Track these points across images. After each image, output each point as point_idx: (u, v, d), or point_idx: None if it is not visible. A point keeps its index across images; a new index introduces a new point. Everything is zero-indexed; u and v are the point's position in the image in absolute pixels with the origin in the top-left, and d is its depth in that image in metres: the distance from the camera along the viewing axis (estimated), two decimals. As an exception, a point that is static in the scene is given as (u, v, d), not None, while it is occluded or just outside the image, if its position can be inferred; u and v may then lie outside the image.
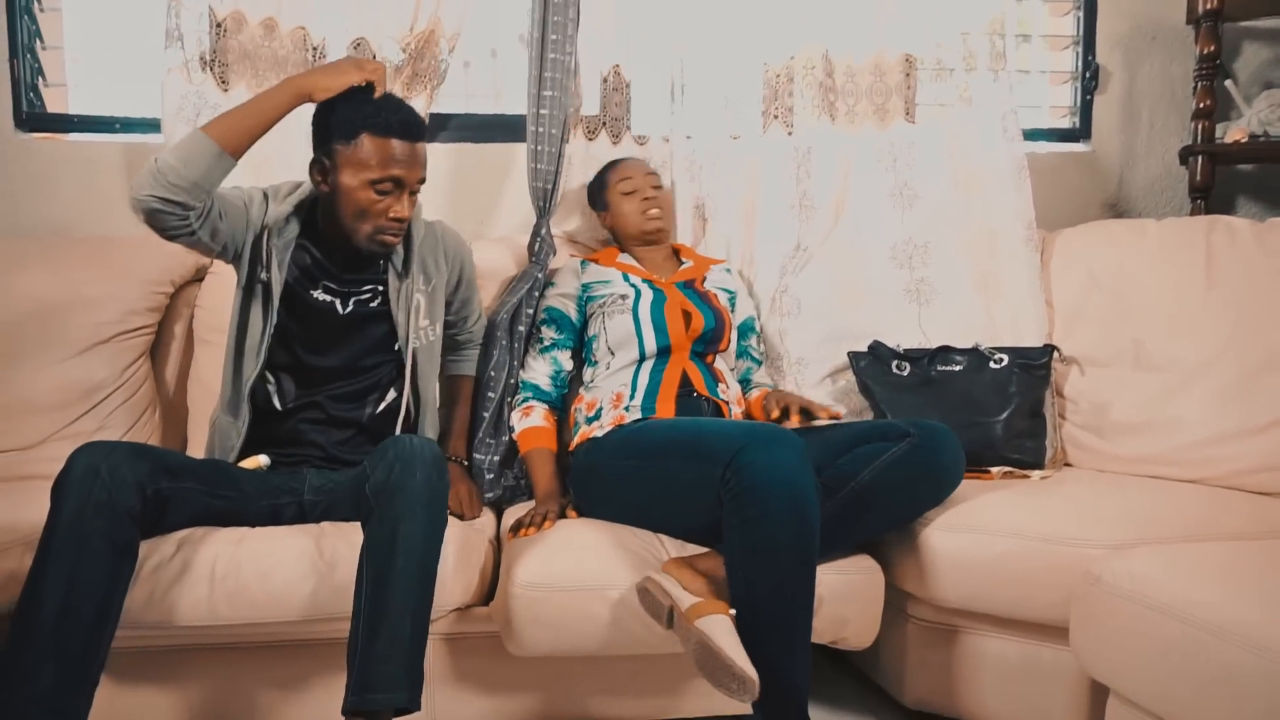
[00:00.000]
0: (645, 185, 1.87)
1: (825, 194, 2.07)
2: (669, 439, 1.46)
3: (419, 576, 1.21)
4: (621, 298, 1.77)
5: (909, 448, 1.40)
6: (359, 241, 1.48)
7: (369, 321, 1.57)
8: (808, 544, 1.25)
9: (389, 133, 1.42)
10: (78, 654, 1.11)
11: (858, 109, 2.14)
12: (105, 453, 1.20)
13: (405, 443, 1.28)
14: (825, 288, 1.98)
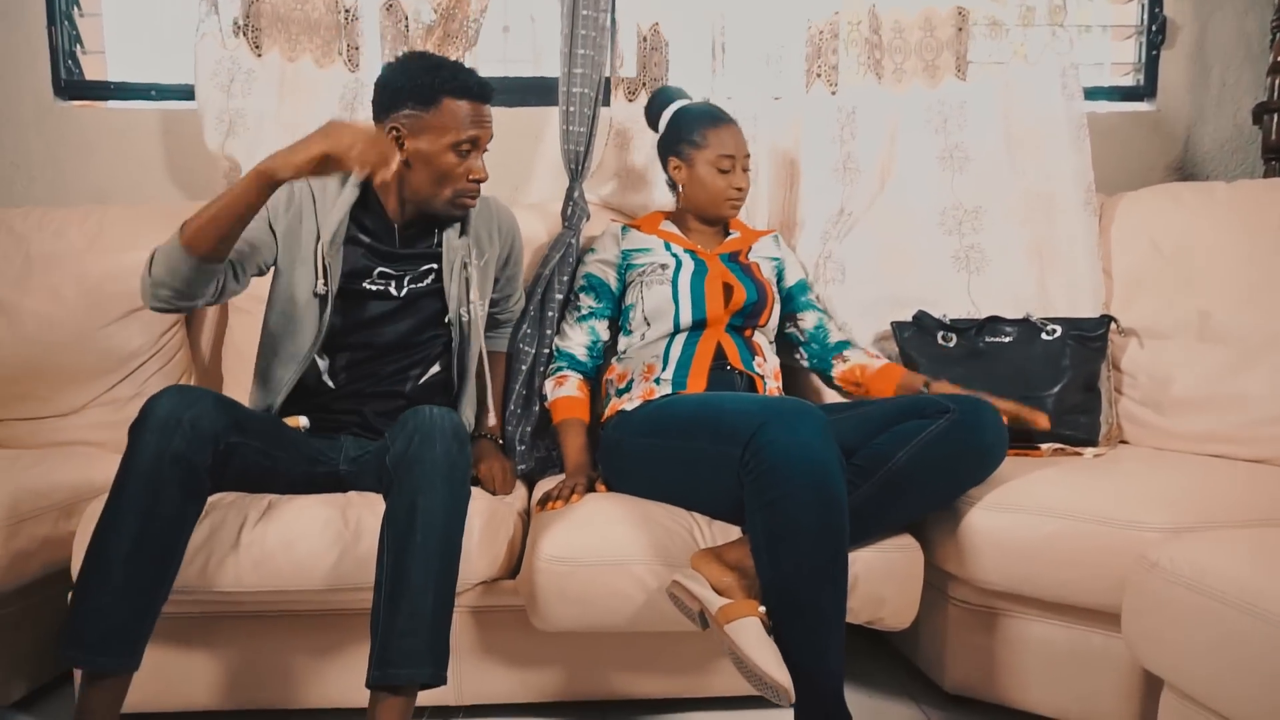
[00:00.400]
0: (739, 170, 1.72)
1: (870, 156, 1.98)
2: (691, 416, 1.41)
3: (439, 550, 1.18)
4: (661, 267, 1.71)
5: (948, 425, 1.32)
6: (437, 208, 1.47)
7: (423, 299, 1.55)
8: (834, 523, 1.19)
9: (468, 94, 1.42)
10: (143, 590, 1.16)
11: (906, 66, 2.04)
12: (189, 401, 1.21)
13: (425, 414, 1.25)
14: (870, 254, 1.90)
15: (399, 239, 1.53)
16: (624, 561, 1.33)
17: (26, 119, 2.13)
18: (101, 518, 1.16)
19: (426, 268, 1.54)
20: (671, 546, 1.34)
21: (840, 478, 1.21)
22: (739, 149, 1.73)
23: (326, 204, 1.49)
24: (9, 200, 2.14)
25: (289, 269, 1.48)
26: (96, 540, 1.15)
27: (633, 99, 2.09)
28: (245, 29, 2.01)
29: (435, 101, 1.40)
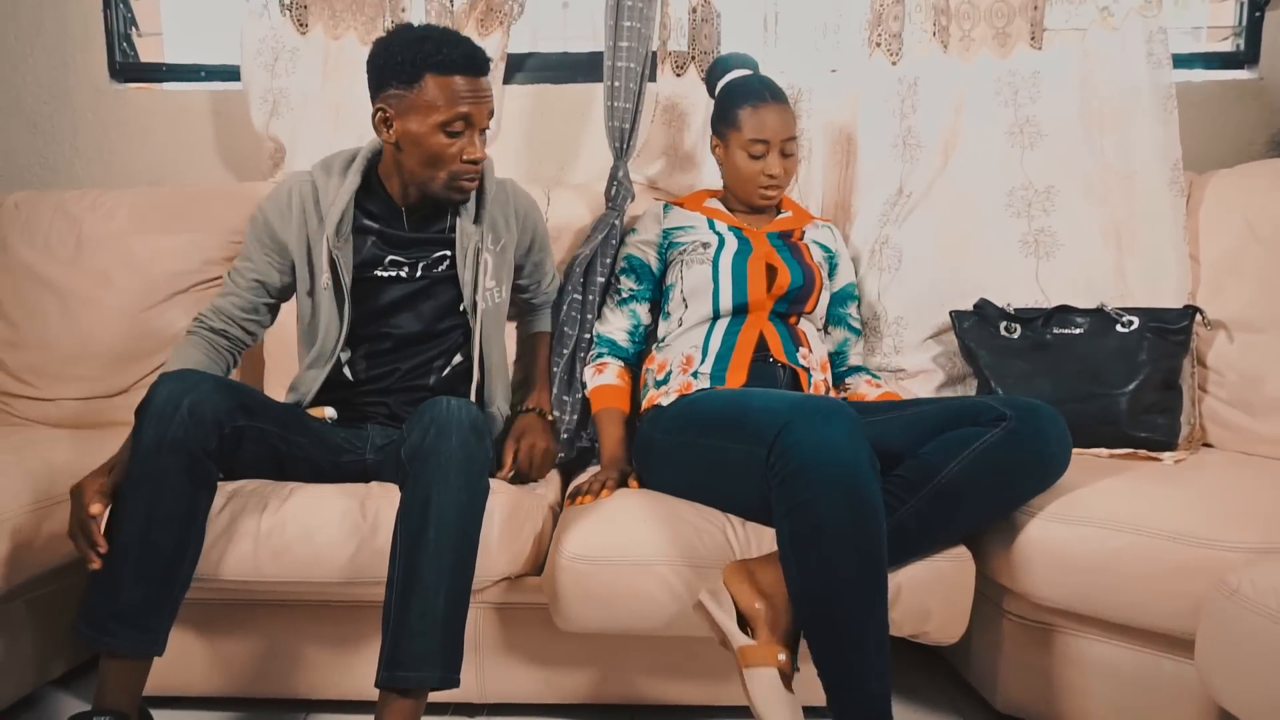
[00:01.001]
0: (775, 155, 1.60)
1: (932, 131, 1.85)
2: (718, 414, 1.32)
3: (453, 547, 1.14)
4: (703, 246, 1.63)
5: (1004, 434, 1.20)
6: (434, 191, 1.40)
7: (438, 285, 1.49)
8: (867, 527, 1.09)
9: (453, 69, 1.32)
10: (157, 578, 1.14)
11: (974, 33, 1.90)
12: (187, 386, 1.18)
13: (442, 405, 1.21)
14: (929, 238, 1.77)
15: (407, 222, 1.47)
16: (650, 562, 1.26)
17: (83, 102, 2.16)
18: (114, 503, 1.16)
19: (440, 254, 1.48)
20: (701, 548, 1.27)
21: (872, 479, 1.12)
22: (776, 132, 1.60)
23: (329, 196, 1.44)
24: (68, 182, 2.18)
25: (302, 271, 1.46)
26: (111, 525, 1.15)
27: (680, 73, 2.00)
28: (290, 6, 1.99)
29: (418, 79, 1.31)
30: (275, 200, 1.46)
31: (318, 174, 1.46)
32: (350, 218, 1.43)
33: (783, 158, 1.62)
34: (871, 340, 1.78)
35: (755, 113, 1.61)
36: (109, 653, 1.14)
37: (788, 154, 1.62)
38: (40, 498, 1.37)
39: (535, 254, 1.67)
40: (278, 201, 1.46)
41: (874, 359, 1.77)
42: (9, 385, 1.85)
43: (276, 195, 1.47)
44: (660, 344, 1.66)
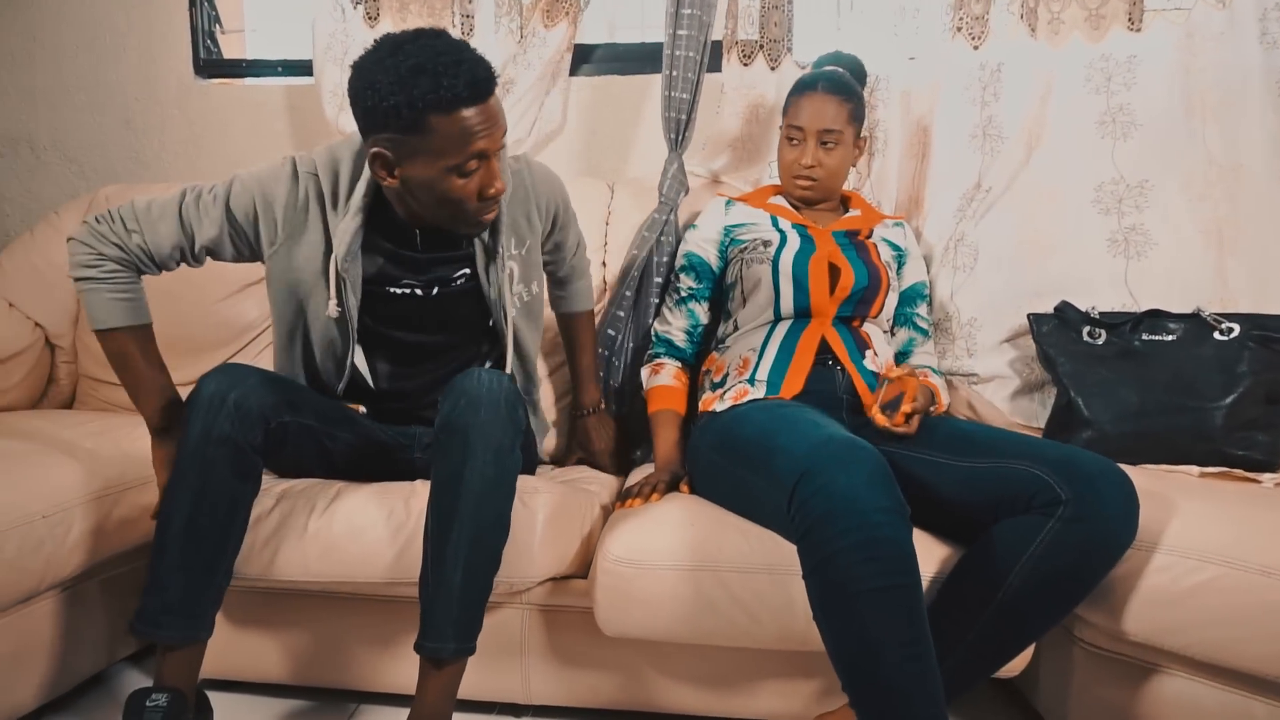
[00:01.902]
0: (811, 145, 1.55)
1: (1015, 121, 1.74)
2: (751, 443, 1.25)
3: (475, 520, 1.13)
4: (764, 244, 1.57)
5: (1062, 526, 1.09)
6: (451, 228, 1.26)
7: (460, 298, 1.38)
8: (899, 583, 1.00)
9: (459, 104, 1.11)
10: (203, 567, 1.16)
11: (1064, 15, 1.77)
12: (233, 381, 1.17)
13: (474, 378, 1.18)
14: (1008, 235, 1.67)
15: (420, 243, 1.33)
16: (694, 568, 1.23)
17: (169, 97, 2.24)
18: (161, 496, 1.19)
19: (459, 273, 1.36)
20: (750, 555, 1.23)
21: (900, 526, 1.03)
22: (812, 121, 1.54)
23: (336, 210, 1.29)
24: (157, 175, 2.27)
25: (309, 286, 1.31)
26: (159, 519, 1.17)
27: (748, 63, 1.94)
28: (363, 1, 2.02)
29: (420, 124, 1.11)
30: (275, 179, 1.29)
31: (324, 170, 1.30)
32: (360, 236, 1.29)
33: (821, 149, 1.56)
34: (942, 342, 1.69)
35: (799, 100, 1.58)
36: (162, 644, 1.17)
37: (827, 146, 1.56)
38: (113, 483, 1.42)
39: (557, 234, 1.52)
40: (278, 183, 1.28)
41: (945, 362, 1.68)
42: (96, 371, 1.95)
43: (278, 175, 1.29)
44: (719, 345, 1.61)
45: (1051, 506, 1.11)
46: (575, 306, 1.64)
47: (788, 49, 1.94)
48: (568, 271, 1.61)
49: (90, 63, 2.23)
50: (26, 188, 2.30)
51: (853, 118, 1.57)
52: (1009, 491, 1.16)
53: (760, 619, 1.22)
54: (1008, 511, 1.16)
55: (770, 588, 1.21)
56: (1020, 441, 1.23)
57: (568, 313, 1.65)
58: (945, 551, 1.22)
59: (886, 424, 1.33)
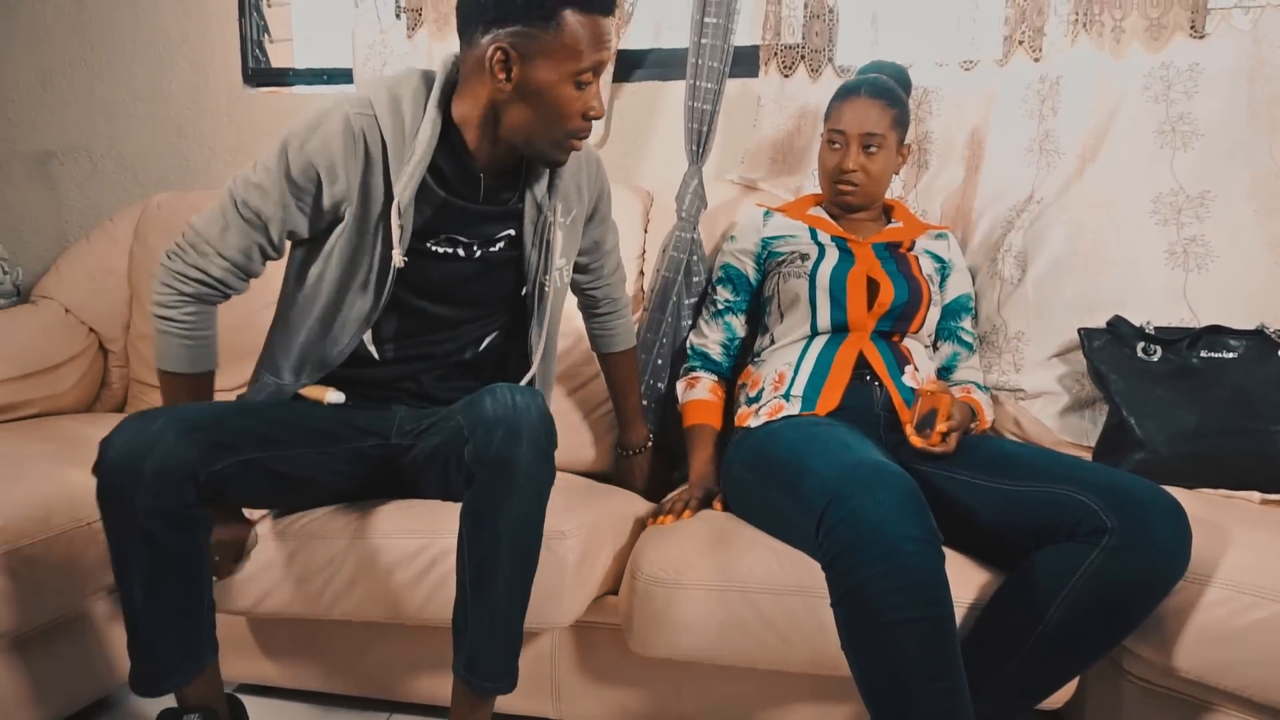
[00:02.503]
0: (853, 149, 1.52)
1: (1073, 133, 1.68)
2: (783, 463, 1.22)
3: (522, 559, 1.10)
4: (802, 257, 1.54)
5: (1107, 556, 1.04)
6: (541, 149, 1.18)
7: (497, 267, 1.29)
8: (930, 615, 0.97)
9: (595, 8, 1.11)
10: (182, 618, 1.11)
11: (1125, 24, 1.71)
12: (146, 445, 1.02)
13: (508, 401, 1.08)
14: (1059, 247, 1.61)
15: (484, 192, 1.24)
16: (724, 588, 1.20)
17: (220, 106, 2.28)
18: (112, 565, 1.08)
19: (505, 232, 1.27)
20: (782, 577, 1.20)
21: (931, 555, 1.00)
22: (854, 126, 1.51)
23: (400, 149, 1.17)
24: (206, 183, 2.31)
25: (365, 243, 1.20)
26: (121, 595, 1.08)
27: (789, 74, 1.91)
28: (403, 11, 2.04)
29: (555, 17, 1.08)
30: (333, 134, 1.15)
31: (382, 108, 1.17)
32: (419, 179, 1.18)
33: (863, 154, 1.52)
34: (988, 356, 1.64)
35: (841, 104, 1.55)
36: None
37: (869, 151, 1.52)
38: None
39: (595, 229, 1.43)
40: (337, 136, 1.15)
41: (991, 376, 1.63)
42: (147, 376, 1.99)
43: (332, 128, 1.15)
44: (755, 358, 1.59)
45: (1096, 535, 1.06)
46: (617, 345, 1.57)
47: (829, 59, 1.90)
48: (605, 292, 1.53)
49: (145, 73, 2.29)
50: (84, 194, 2.37)
51: (896, 123, 1.54)
52: (1051, 517, 1.12)
53: (792, 641, 1.19)
54: (1050, 538, 1.11)
55: (802, 610, 1.18)
56: (1065, 464, 1.18)
57: (611, 352, 1.57)
58: (984, 577, 1.18)
59: (923, 444, 1.29)
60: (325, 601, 1.28)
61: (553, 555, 1.22)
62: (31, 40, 2.32)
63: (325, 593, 1.27)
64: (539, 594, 1.18)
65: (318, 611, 1.29)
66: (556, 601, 1.24)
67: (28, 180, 2.38)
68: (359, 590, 1.26)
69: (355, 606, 1.28)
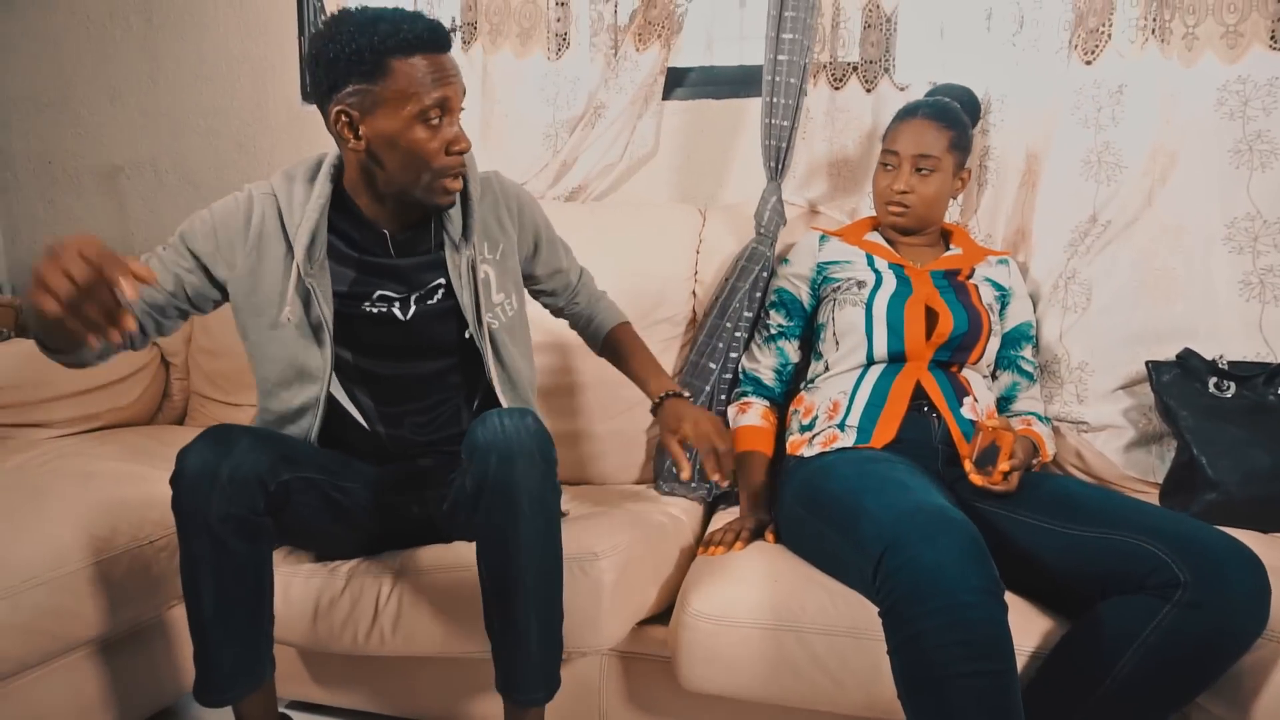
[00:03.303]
0: (905, 170, 1.50)
1: (1137, 148, 1.62)
2: (838, 501, 1.20)
3: (536, 576, 1.11)
4: (858, 284, 1.51)
5: (1180, 613, 1.00)
6: (418, 197, 1.19)
7: (438, 318, 1.30)
8: (990, 669, 0.94)
9: (420, 48, 1.11)
10: (247, 631, 1.16)
11: (1198, 31, 1.64)
12: (222, 453, 1.09)
13: (496, 427, 1.09)
14: (1126, 275, 1.56)
15: (394, 247, 1.26)
16: (776, 627, 1.19)
17: (279, 122, 2.33)
18: (181, 575, 1.13)
19: (435, 281, 1.28)
20: (835, 617, 1.18)
21: (993, 606, 0.97)
22: (907, 146, 1.49)
23: (294, 214, 1.22)
24: (265, 197, 2.36)
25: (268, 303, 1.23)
26: (186, 599, 1.13)
27: (839, 86, 1.87)
28: (458, 27, 2.05)
29: (382, 67, 1.09)
30: (231, 209, 1.23)
31: (279, 185, 1.25)
32: (324, 238, 1.22)
33: (916, 175, 1.50)
34: (1049, 386, 1.60)
35: (898, 126, 1.53)
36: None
37: (922, 173, 1.49)
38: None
39: (545, 254, 1.42)
40: (235, 212, 1.23)
41: (1052, 407, 1.58)
42: (204, 388, 2.04)
43: (233, 204, 1.24)
44: (809, 385, 1.56)
45: (1168, 589, 1.02)
46: (613, 319, 1.51)
47: (885, 70, 1.86)
48: (585, 297, 1.51)
49: (208, 90, 2.34)
50: (150, 208, 2.44)
51: (953, 146, 1.50)
52: (1119, 566, 1.08)
53: (844, 684, 1.17)
54: (1117, 588, 1.07)
55: (855, 652, 1.16)
56: (1133, 510, 1.14)
57: (612, 327, 1.50)
58: (1046, 624, 1.15)
59: (983, 482, 1.25)
60: (372, 643, 1.31)
61: (587, 578, 1.23)
62: (101, 59, 2.39)
63: (371, 635, 1.30)
64: (574, 617, 1.19)
65: (366, 651, 1.31)
66: (594, 625, 1.24)
67: (96, 193, 2.46)
68: (404, 630, 1.29)
69: (403, 644, 1.30)
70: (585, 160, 2.02)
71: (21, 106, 2.46)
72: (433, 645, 1.29)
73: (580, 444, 1.80)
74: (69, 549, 1.30)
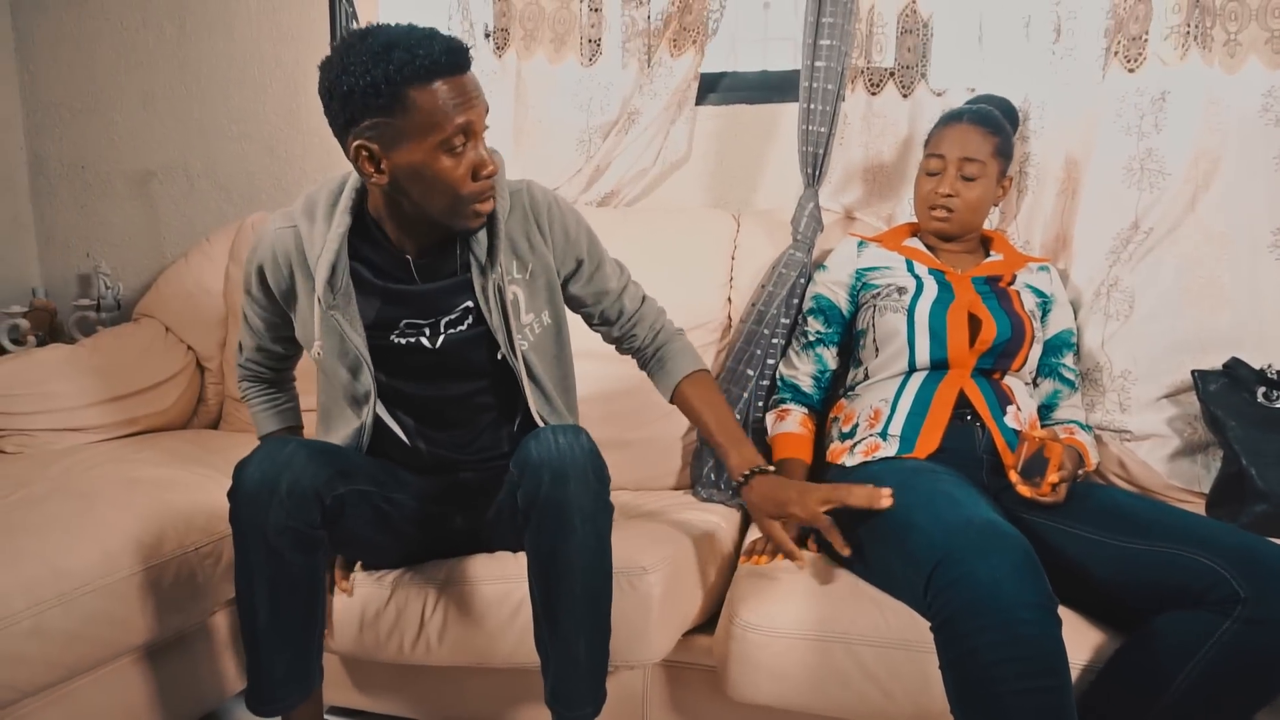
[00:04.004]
0: (950, 174, 1.49)
1: (1180, 155, 1.61)
2: (884, 516, 1.19)
3: (586, 594, 1.11)
4: (899, 291, 1.50)
5: (1239, 629, 0.99)
6: (446, 224, 1.16)
7: (465, 345, 1.26)
8: (1046, 685, 0.94)
9: (437, 73, 1.04)
10: (300, 639, 1.17)
11: (1241, 37, 1.63)
12: (281, 466, 1.10)
13: (550, 444, 1.09)
14: (1170, 282, 1.55)
15: (417, 272, 1.22)
16: (825, 639, 1.19)
17: (311, 127, 2.33)
18: (236, 586, 1.15)
19: (463, 305, 1.24)
20: (884, 629, 1.18)
21: (1048, 622, 0.97)
22: (953, 150, 1.48)
23: (315, 246, 1.20)
24: (296, 201, 2.37)
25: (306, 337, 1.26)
26: (240, 609, 1.15)
27: (875, 92, 1.87)
28: (491, 32, 2.05)
29: (400, 99, 1.04)
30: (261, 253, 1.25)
31: (300, 216, 1.23)
32: (345, 269, 1.20)
33: (961, 180, 1.49)
34: (1091, 394, 1.59)
35: (942, 130, 1.53)
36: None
37: (967, 177, 1.49)
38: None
39: (587, 274, 1.33)
40: (264, 255, 1.25)
41: (1094, 415, 1.57)
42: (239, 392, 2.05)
43: (261, 248, 1.25)
44: (849, 392, 1.56)
45: (1227, 605, 1.01)
46: (680, 370, 1.35)
47: (921, 75, 1.86)
48: (647, 331, 1.38)
49: (240, 95, 2.35)
50: (182, 213, 2.45)
51: (998, 152, 1.50)
52: (1174, 580, 1.07)
53: (894, 696, 1.17)
54: (1173, 603, 1.07)
55: (906, 664, 1.16)
56: (1187, 523, 1.13)
57: (678, 386, 1.34)
58: (1098, 638, 1.15)
59: (1031, 493, 1.25)
60: (418, 653, 1.31)
61: (636, 593, 1.23)
62: (134, 63, 2.40)
63: (417, 644, 1.31)
64: (623, 631, 1.20)
65: (411, 660, 1.32)
66: (643, 639, 1.25)
67: (129, 198, 2.48)
68: (450, 639, 1.29)
69: (448, 654, 1.30)
70: (618, 166, 2.02)
71: (55, 112, 2.48)
72: (478, 656, 1.30)
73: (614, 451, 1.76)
74: (119, 555, 1.31)
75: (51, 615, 1.20)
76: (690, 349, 1.39)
